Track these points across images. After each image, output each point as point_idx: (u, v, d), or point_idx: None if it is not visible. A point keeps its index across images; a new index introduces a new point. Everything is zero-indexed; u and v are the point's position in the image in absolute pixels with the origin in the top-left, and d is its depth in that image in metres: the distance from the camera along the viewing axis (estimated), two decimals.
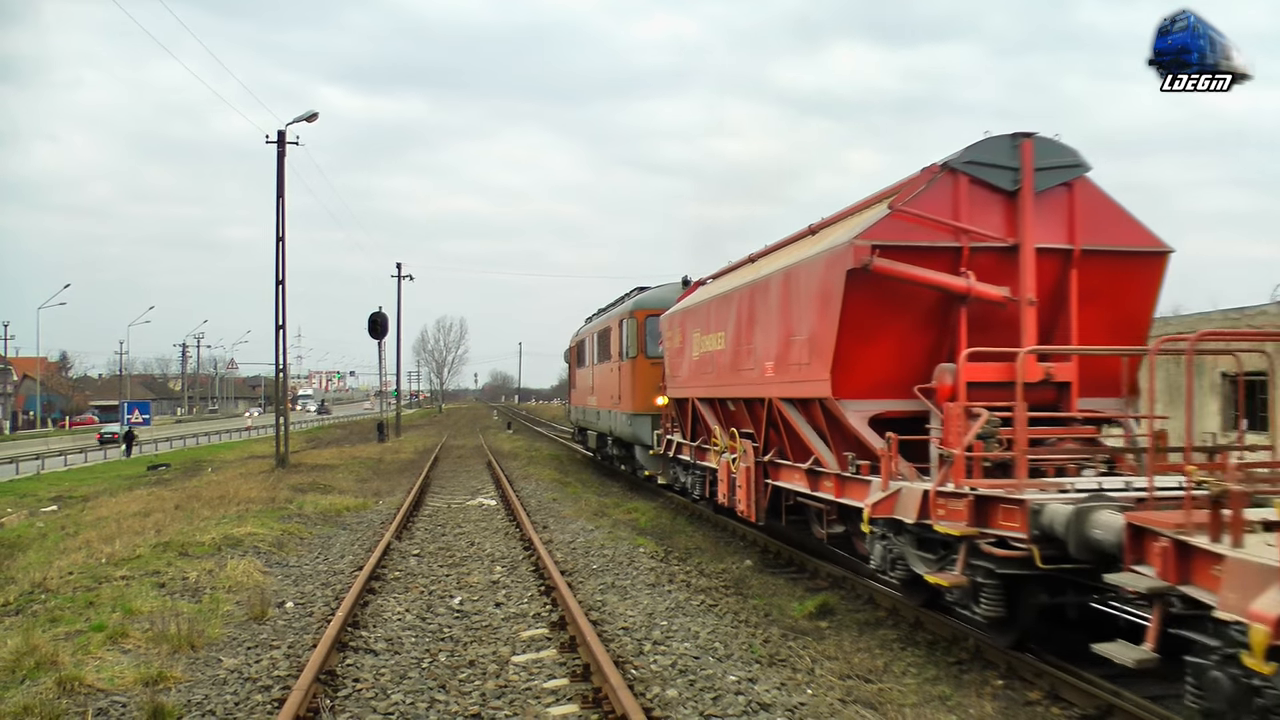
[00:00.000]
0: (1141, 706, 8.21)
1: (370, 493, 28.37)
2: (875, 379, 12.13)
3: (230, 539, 17.58)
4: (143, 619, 11.80)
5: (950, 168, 11.75)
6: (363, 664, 10.29)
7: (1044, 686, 9.29)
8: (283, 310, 36.70)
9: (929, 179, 11.80)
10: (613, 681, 8.77)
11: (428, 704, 8.94)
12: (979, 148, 11.79)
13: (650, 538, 18.87)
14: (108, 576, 14.39)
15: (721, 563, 16.23)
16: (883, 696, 9.17)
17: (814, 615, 12.44)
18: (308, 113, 37.55)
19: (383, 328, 57.17)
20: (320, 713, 8.68)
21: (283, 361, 38.70)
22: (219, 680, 9.75)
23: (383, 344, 63.63)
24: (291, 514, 22.02)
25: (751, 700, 8.76)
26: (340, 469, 36.24)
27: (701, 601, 12.90)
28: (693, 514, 22.66)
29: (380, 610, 12.72)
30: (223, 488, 28.04)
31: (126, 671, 9.78)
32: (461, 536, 19.21)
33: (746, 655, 10.29)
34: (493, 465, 38.09)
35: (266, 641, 11.28)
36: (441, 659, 10.47)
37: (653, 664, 10.05)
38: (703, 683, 9.33)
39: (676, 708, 8.64)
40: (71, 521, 24.16)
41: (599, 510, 23.32)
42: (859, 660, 10.41)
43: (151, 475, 41.40)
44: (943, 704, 9.02)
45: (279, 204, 36.54)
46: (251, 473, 34.28)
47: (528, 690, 9.33)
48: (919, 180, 11.91)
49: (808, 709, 8.60)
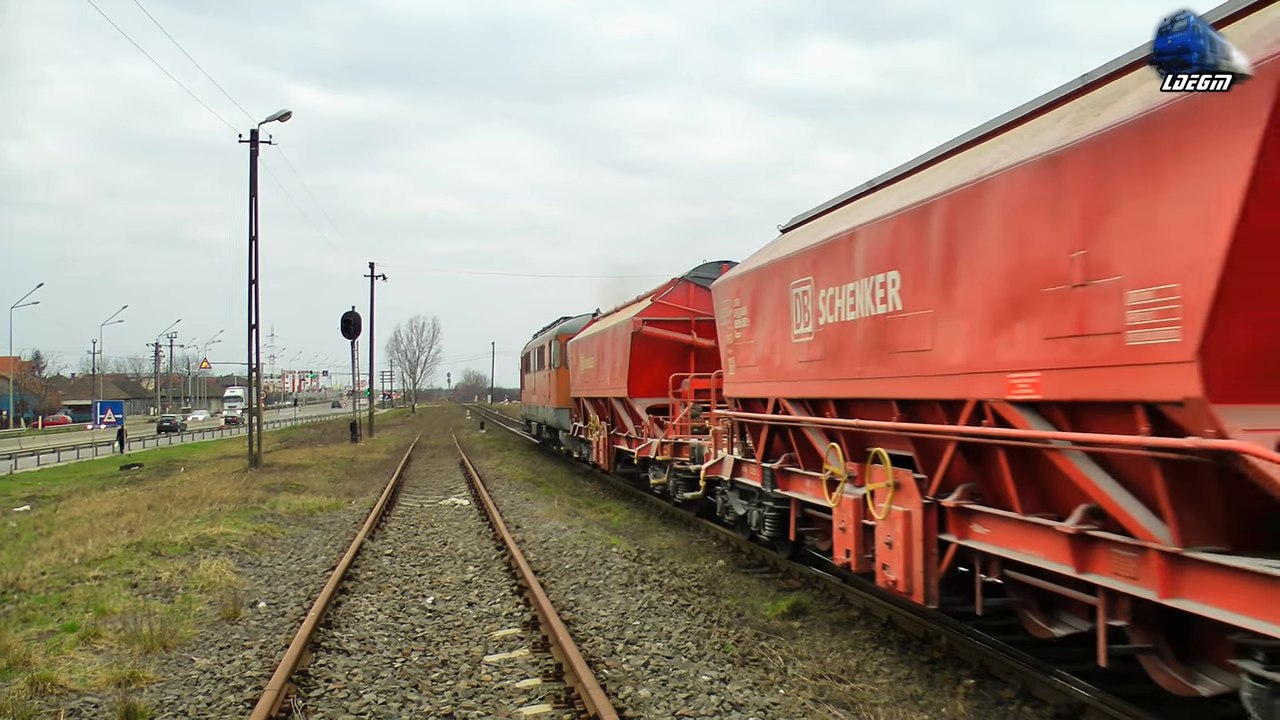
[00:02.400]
0: (1113, 705, 8.25)
1: (343, 492, 28.33)
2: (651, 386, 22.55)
3: (203, 539, 17.54)
4: (115, 619, 11.78)
5: (685, 279, 23.24)
6: (335, 664, 10.28)
7: (1016, 685, 9.31)
8: (256, 310, 36.63)
9: (674, 285, 23.59)
10: (585, 681, 8.80)
11: (400, 704, 8.95)
12: (702, 268, 22.72)
13: (623, 537, 18.90)
14: (81, 576, 14.35)
15: (694, 563, 16.25)
16: (855, 696, 9.21)
17: (787, 615, 12.48)
18: (281, 111, 37.50)
19: (356, 327, 56.98)
20: (293, 713, 8.67)
21: (256, 361, 38.60)
22: (191, 681, 9.74)
23: (356, 343, 63.43)
24: (264, 514, 21.97)
25: (724, 700, 8.79)
26: (313, 469, 36.17)
27: (674, 601, 12.93)
28: (665, 514, 22.69)
29: (353, 610, 12.71)
30: (196, 488, 28.00)
31: (99, 672, 9.77)
32: (434, 536, 19.20)
33: (719, 655, 10.32)
34: (466, 465, 38.10)
35: (239, 642, 11.27)
36: (414, 659, 10.47)
37: (625, 664, 10.07)
38: (675, 683, 9.36)
39: (649, 708, 8.67)
40: (45, 521, 24.02)
41: (572, 510, 23.37)
42: (832, 660, 10.45)
43: (124, 475, 41.18)
44: (915, 703, 9.07)
45: (252, 203, 36.45)
46: (224, 473, 34.25)
47: (500, 690, 9.35)
48: (668, 286, 23.88)
49: (780, 709, 8.63)
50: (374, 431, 69.13)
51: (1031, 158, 7.60)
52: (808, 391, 12.06)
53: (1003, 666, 9.66)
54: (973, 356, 8.33)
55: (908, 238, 9.40)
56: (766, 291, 13.39)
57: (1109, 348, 6.68)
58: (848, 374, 10.76)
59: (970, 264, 8.37)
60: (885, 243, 9.85)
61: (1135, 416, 6.55)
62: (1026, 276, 7.59)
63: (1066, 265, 7.11)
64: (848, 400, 11.04)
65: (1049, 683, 8.97)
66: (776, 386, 13.06)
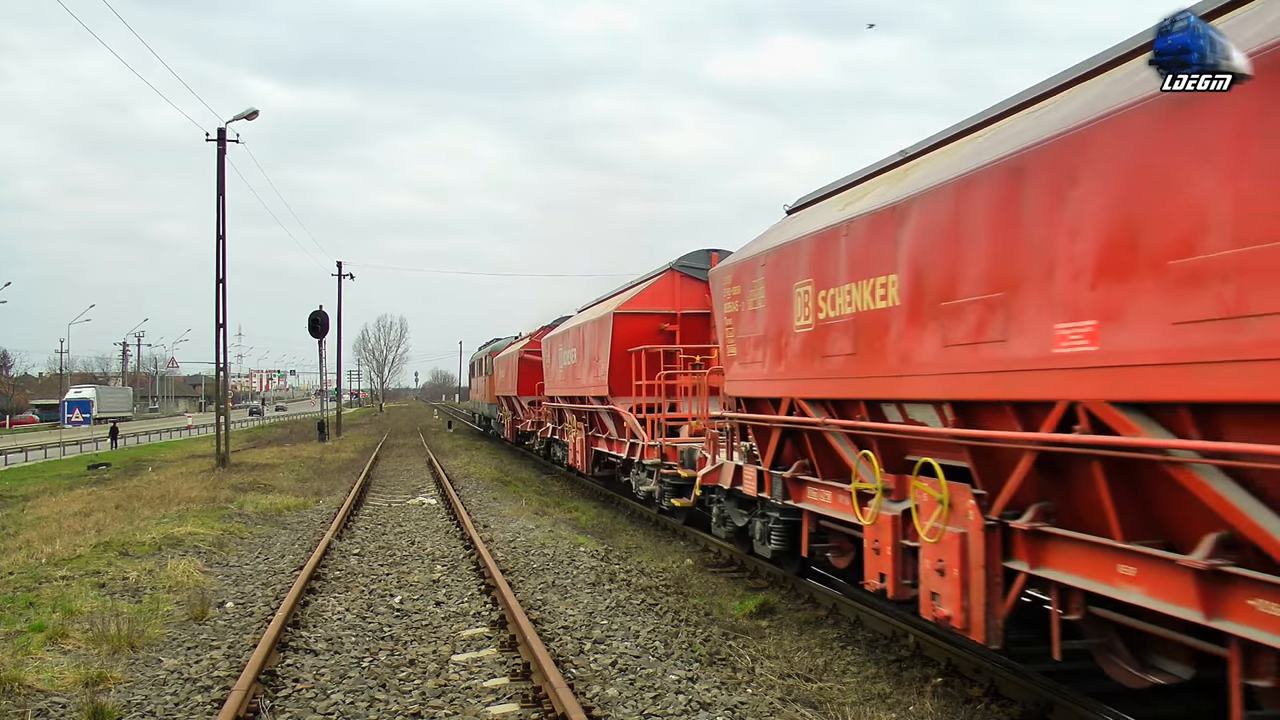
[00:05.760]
0: (1081, 704, 8.30)
1: (311, 492, 28.23)
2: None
3: (171, 539, 17.46)
4: (83, 619, 11.72)
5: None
6: (303, 664, 10.27)
7: (984, 683, 9.36)
8: (223, 309, 36.43)
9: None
10: (553, 680, 8.82)
11: (368, 703, 8.95)
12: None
13: (591, 536, 18.94)
14: (48, 576, 14.26)
15: (662, 561, 16.31)
16: (823, 695, 9.28)
17: (754, 614, 12.55)
18: (248, 110, 37.24)
19: (323, 326, 56.71)
20: (260, 713, 8.66)
21: (223, 360, 38.45)
22: (159, 681, 9.71)
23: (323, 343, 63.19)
24: (232, 513, 21.88)
25: (692, 699, 8.82)
26: (281, 468, 36.02)
27: (642, 600, 12.96)
28: (633, 513, 22.75)
29: (321, 610, 12.70)
30: (163, 487, 27.87)
31: (67, 672, 9.73)
32: (402, 535, 19.17)
33: (687, 654, 10.35)
34: (434, 464, 38.02)
35: (207, 642, 11.23)
36: (382, 658, 10.47)
37: (593, 663, 10.10)
38: (643, 682, 9.39)
39: (616, 706, 8.70)
40: (12, 521, 23.87)
41: (540, 509, 23.42)
42: (799, 659, 10.52)
43: (92, 475, 40.95)
44: (883, 702, 9.14)
45: (219, 202, 36.17)
46: (192, 472, 34.10)
47: (468, 689, 9.36)
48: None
49: (748, 708, 8.66)
50: (342, 431, 68.93)
51: None
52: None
53: (970, 665, 9.71)
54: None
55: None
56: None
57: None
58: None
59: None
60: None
61: None
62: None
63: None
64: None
65: (1017, 681, 9.01)
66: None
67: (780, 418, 11.84)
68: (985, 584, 7.87)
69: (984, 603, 7.88)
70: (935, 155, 9.48)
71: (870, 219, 9.49)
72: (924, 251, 8.53)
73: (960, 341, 7.92)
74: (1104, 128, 6.41)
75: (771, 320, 11.95)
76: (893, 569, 9.30)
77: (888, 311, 9.08)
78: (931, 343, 8.35)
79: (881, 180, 10.36)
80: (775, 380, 11.89)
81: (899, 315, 8.89)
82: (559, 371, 29.57)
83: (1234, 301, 5.35)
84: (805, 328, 10.88)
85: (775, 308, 11.81)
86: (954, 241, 8.06)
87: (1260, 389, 5.21)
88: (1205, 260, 5.53)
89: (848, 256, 9.91)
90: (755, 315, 12.49)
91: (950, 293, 8.08)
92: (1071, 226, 6.66)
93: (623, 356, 21.47)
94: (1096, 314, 6.39)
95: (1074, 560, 7.05)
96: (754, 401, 12.94)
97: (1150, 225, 5.98)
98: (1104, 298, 6.33)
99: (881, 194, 9.70)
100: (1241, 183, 5.34)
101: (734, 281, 13.33)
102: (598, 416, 24.96)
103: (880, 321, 9.20)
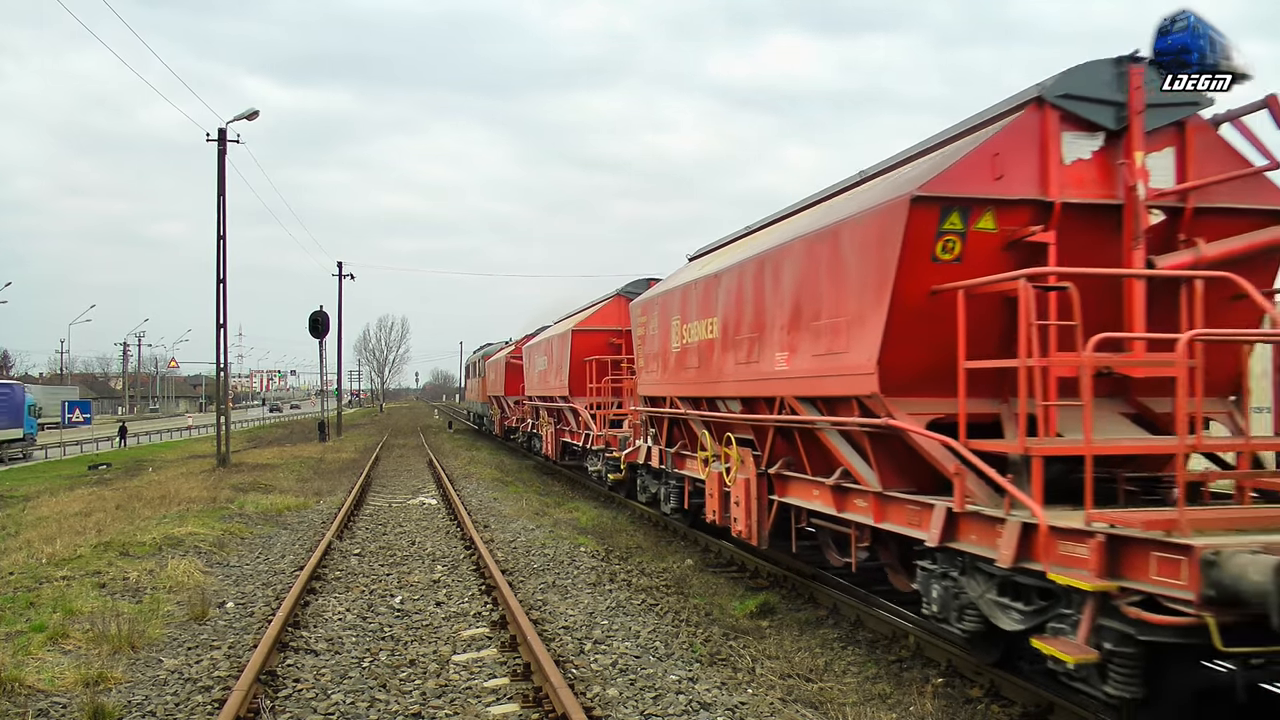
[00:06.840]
0: (1081, 705, 8.30)
1: (311, 492, 28.22)
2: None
3: (171, 539, 17.46)
4: (83, 619, 11.73)
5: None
6: (303, 664, 10.28)
7: (984, 684, 9.39)
8: (223, 309, 36.44)
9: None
10: (553, 681, 8.83)
11: (368, 703, 8.95)
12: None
13: (591, 537, 18.95)
14: (48, 577, 14.27)
15: (662, 562, 16.32)
16: (823, 695, 9.29)
17: (755, 614, 12.56)
18: (249, 110, 37.26)
19: (323, 327, 56.69)
20: (260, 713, 8.67)
21: (224, 360, 38.45)
22: (159, 681, 9.72)
23: (324, 343, 63.20)
24: (233, 514, 21.89)
25: (692, 700, 8.84)
26: (281, 468, 36.00)
27: (642, 601, 12.98)
28: (634, 514, 22.78)
29: (321, 610, 12.70)
30: (164, 487, 27.82)
31: (67, 672, 9.74)
32: (403, 536, 19.18)
33: (687, 654, 10.37)
34: (434, 464, 38.03)
35: (207, 642, 11.24)
36: (382, 658, 10.48)
37: (593, 663, 10.11)
38: (643, 682, 9.40)
39: (617, 707, 8.71)
40: (12, 521, 23.83)
41: (540, 510, 23.42)
42: (800, 659, 10.53)
43: (92, 475, 40.90)
44: (883, 702, 9.15)
45: (220, 202, 36.20)
46: (193, 472, 34.02)
47: (468, 689, 9.37)
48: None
49: (748, 708, 8.68)
50: (342, 431, 68.87)
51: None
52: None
53: (971, 666, 9.73)
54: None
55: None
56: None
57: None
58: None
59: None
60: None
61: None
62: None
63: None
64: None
65: (1017, 682, 9.04)
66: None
67: (666, 410, 17.24)
68: (759, 510, 13.03)
69: (758, 521, 13.02)
70: (750, 238, 14.46)
71: (704, 281, 14.79)
72: (728, 305, 13.66)
73: (743, 361, 13.03)
74: (787, 248, 11.55)
75: (660, 342, 17.47)
76: (718, 506, 14.43)
77: (712, 341, 14.31)
78: (732, 361, 13.47)
79: (742, 242, 14.84)
80: (662, 384, 17.33)
81: (718, 344, 14.06)
82: (535, 375, 35.46)
83: (829, 345, 10.33)
84: (676, 349, 16.31)
85: (662, 334, 17.28)
86: (740, 301, 13.19)
87: (842, 388, 10.09)
88: (822, 323, 10.49)
89: (696, 304, 15.21)
90: (652, 338, 18.08)
91: (739, 331, 13.20)
92: (779, 299, 11.76)
93: (580, 364, 26.47)
94: (788, 348, 11.50)
95: (798, 490, 12.15)
96: (654, 399, 18.20)
97: (804, 303, 11.03)
98: (790, 339, 11.42)
99: (708, 263, 15.63)
100: (830, 287, 10.32)
101: (643, 313, 18.89)
102: (563, 413, 30.05)
103: (709, 347, 14.46)
